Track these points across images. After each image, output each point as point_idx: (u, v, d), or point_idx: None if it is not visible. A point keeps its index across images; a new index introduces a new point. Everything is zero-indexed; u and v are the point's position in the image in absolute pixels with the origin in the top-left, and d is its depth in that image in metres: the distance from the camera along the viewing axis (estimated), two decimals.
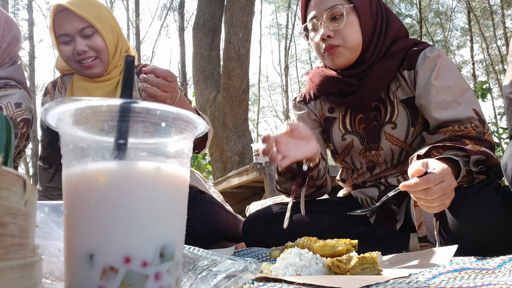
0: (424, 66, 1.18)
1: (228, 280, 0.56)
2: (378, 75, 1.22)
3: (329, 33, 1.21)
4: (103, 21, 1.39)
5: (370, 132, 1.28)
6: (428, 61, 1.18)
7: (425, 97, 1.16)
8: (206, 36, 5.36)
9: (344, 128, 1.33)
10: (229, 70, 4.84)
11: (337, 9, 1.20)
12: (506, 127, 6.49)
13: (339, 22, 1.21)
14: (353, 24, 1.22)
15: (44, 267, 0.56)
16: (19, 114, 1.44)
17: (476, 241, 0.92)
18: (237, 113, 4.90)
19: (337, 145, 1.36)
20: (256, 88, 19.04)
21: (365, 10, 1.23)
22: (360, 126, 1.30)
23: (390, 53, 1.23)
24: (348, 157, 1.35)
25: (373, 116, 1.28)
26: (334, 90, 1.30)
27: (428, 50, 1.21)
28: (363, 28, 1.22)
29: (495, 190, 0.96)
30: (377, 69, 1.22)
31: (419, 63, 1.20)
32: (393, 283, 0.64)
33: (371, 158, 1.30)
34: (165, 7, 16.85)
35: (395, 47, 1.23)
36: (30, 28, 12.04)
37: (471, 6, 14.17)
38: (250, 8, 5.02)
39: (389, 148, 1.26)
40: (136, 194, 0.38)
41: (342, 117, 1.34)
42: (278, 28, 19.92)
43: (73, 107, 0.39)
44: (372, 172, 1.31)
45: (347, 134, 1.33)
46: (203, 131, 0.45)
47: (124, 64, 0.41)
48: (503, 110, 15.39)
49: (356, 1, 1.21)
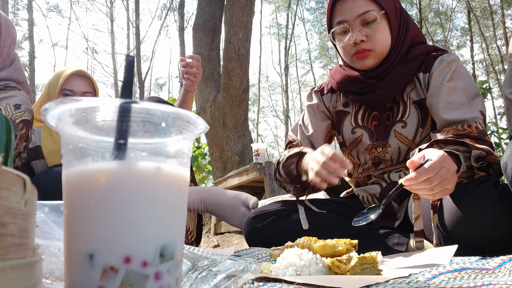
0: (440, 69, 1.21)
1: (228, 280, 0.56)
2: (397, 77, 1.26)
3: (362, 37, 1.24)
4: None
5: (380, 129, 1.31)
6: (445, 64, 1.21)
7: (436, 96, 1.19)
8: (206, 36, 5.36)
9: (355, 122, 1.37)
10: (229, 70, 4.84)
11: (371, 14, 1.23)
12: (506, 127, 6.49)
13: (372, 28, 1.24)
14: (384, 30, 1.25)
15: (44, 267, 0.56)
16: (18, 116, 1.44)
17: (474, 236, 0.93)
18: (237, 113, 4.90)
19: (346, 138, 1.39)
20: (256, 88, 19.03)
21: (393, 15, 1.26)
22: (373, 123, 1.33)
23: (411, 56, 1.26)
24: (355, 151, 1.38)
25: (386, 116, 1.31)
26: (353, 88, 1.34)
27: (446, 55, 1.24)
28: (393, 33, 1.26)
29: (493, 186, 0.97)
30: (396, 71, 1.26)
31: (435, 66, 1.23)
32: (393, 283, 0.64)
33: (377, 155, 1.32)
34: (165, 7, 16.85)
35: (417, 50, 1.26)
36: (30, 28, 12.04)
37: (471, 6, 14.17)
38: (250, 8, 5.02)
39: (396, 145, 1.28)
40: (136, 194, 0.38)
41: (355, 112, 1.38)
42: (278, 28, 19.93)
43: (73, 107, 0.39)
44: (377, 166, 1.34)
45: (358, 128, 1.36)
46: (203, 131, 0.45)
47: (125, 64, 0.41)
48: (503, 110, 15.38)
49: (387, 7, 1.25)
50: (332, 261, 0.77)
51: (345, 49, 1.30)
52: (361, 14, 1.23)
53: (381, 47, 1.25)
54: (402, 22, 1.29)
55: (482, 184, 0.98)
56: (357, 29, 1.24)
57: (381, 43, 1.25)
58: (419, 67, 1.26)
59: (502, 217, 0.92)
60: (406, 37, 1.28)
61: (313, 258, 0.77)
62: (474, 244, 0.92)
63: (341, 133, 1.41)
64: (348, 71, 1.35)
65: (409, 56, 1.26)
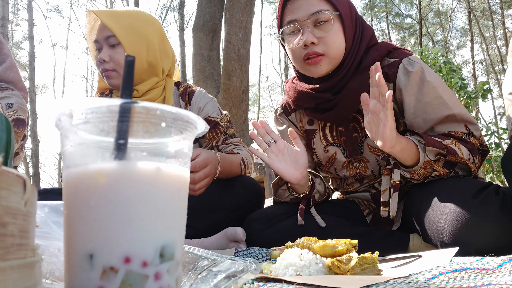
0: (410, 83, 1.13)
1: (228, 280, 0.57)
2: (353, 93, 1.16)
3: (313, 39, 1.14)
4: (135, 35, 1.35)
5: (351, 144, 1.26)
6: (413, 77, 1.13)
7: (421, 115, 1.13)
8: (206, 36, 5.36)
9: (326, 139, 1.31)
10: (229, 70, 4.84)
11: (324, 14, 1.14)
12: (506, 127, 6.48)
13: (325, 29, 1.15)
14: (338, 33, 1.16)
15: (44, 267, 0.56)
16: (10, 115, 1.44)
17: (477, 245, 0.91)
18: (237, 113, 4.90)
19: (320, 157, 1.34)
20: (256, 88, 19.05)
21: (348, 19, 1.18)
22: (341, 139, 1.27)
23: (364, 66, 1.17)
24: (332, 168, 1.34)
25: (352, 127, 1.25)
26: (310, 105, 1.26)
27: (407, 62, 1.15)
28: (347, 38, 1.17)
29: (494, 193, 0.95)
30: (351, 86, 1.17)
31: (401, 79, 1.14)
32: (393, 283, 0.64)
33: (358, 170, 1.28)
34: (165, 7, 16.86)
35: (368, 58, 1.17)
36: (30, 28, 12.04)
37: (471, 6, 14.17)
38: (250, 8, 5.02)
39: (375, 160, 1.24)
40: (136, 194, 0.38)
41: (322, 129, 1.31)
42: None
43: (73, 107, 0.39)
44: (362, 182, 1.30)
45: (329, 145, 1.31)
46: (203, 132, 0.45)
47: (124, 65, 0.41)
48: (503, 110, 15.38)
49: (342, 8, 1.16)
50: (332, 261, 0.77)
51: (295, 52, 1.20)
52: (313, 13, 1.13)
53: (334, 52, 1.16)
54: (357, 29, 1.20)
55: (483, 191, 0.96)
56: (308, 30, 1.15)
57: (334, 47, 1.15)
58: None
59: (507, 224, 0.90)
60: (361, 44, 1.20)
61: (313, 258, 0.77)
62: (477, 252, 0.90)
63: (314, 153, 1.35)
64: (300, 86, 1.26)
65: (362, 65, 1.17)
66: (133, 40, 1.35)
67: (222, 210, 1.36)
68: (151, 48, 1.39)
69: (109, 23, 1.32)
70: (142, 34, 1.37)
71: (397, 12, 17.54)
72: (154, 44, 1.39)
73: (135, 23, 1.37)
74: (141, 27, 1.38)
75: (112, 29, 1.32)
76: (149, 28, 1.40)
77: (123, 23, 1.34)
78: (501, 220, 0.90)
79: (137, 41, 1.35)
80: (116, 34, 1.32)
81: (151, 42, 1.39)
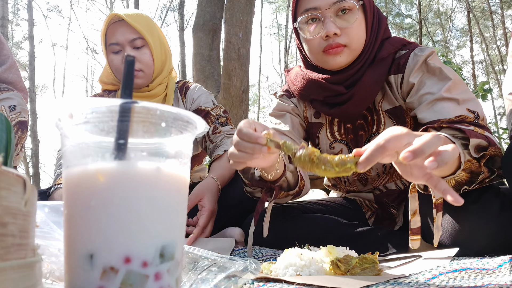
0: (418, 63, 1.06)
1: (228, 280, 0.57)
2: (368, 86, 1.10)
3: (336, 30, 1.06)
4: (154, 36, 1.45)
5: (356, 142, 1.21)
6: (421, 58, 1.06)
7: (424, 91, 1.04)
8: (206, 36, 5.35)
9: (332, 135, 1.24)
10: (229, 70, 4.84)
11: (349, 3, 1.06)
12: (506, 127, 6.48)
13: (348, 20, 1.07)
14: (361, 23, 1.09)
15: (44, 267, 0.56)
16: (14, 117, 1.44)
17: (477, 247, 0.91)
18: (237, 113, 4.89)
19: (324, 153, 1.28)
20: (256, 88, 19.05)
21: (370, 9, 1.11)
22: (348, 136, 1.22)
23: (379, 58, 1.11)
24: None
25: (359, 124, 1.19)
26: (318, 97, 1.17)
27: (418, 49, 1.09)
28: (367, 29, 1.11)
29: (494, 195, 0.94)
30: (367, 79, 1.10)
31: (409, 64, 1.08)
32: (393, 283, 0.64)
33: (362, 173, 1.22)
34: (165, 7, 16.85)
35: (383, 51, 1.11)
36: (30, 28, 12.03)
37: (471, 7, 14.17)
38: (250, 8, 5.02)
39: None
40: (136, 194, 0.38)
41: (329, 124, 1.24)
42: (278, 28, 19.93)
43: (73, 107, 0.39)
44: (365, 184, 1.26)
45: (336, 142, 1.24)
46: (202, 132, 0.45)
47: (124, 64, 0.41)
48: (503, 110, 15.37)
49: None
50: (332, 261, 0.77)
51: (313, 43, 1.10)
52: (337, 2, 1.05)
53: (357, 44, 1.09)
54: (375, 19, 1.13)
55: (483, 194, 0.94)
56: (330, 19, 1.06)
57: (356, 39, 1.08)
58: (388, 70, 1.11)
59: (507, 226, 0.89)
60: (378, 35, 1.12)
61: (313, 258, 0.77)
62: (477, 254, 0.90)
63: (318, 147, 1.26)
64: (311, 74, 1.16)
65: (377, 57, 1.11)
66: (155, 42, 1.45)
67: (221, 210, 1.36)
68: (163, 48, 1.50)
69: (138, 26, 1.39)
70: (158, 36, 1.48)
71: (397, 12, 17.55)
72: (164, 44, 1.51)
73: (152, 24, 1.47)
74: (155, 28, 1.48)
75: (141, 32, 1.40)
76: (158, 29, 1.51)
77: (146, 26, 1.43)
78: (500, 223, 0.90)
79: (157, 43, 1.47)
80: (144, 37, 1.41)
81: (162, 43, 1.50)
